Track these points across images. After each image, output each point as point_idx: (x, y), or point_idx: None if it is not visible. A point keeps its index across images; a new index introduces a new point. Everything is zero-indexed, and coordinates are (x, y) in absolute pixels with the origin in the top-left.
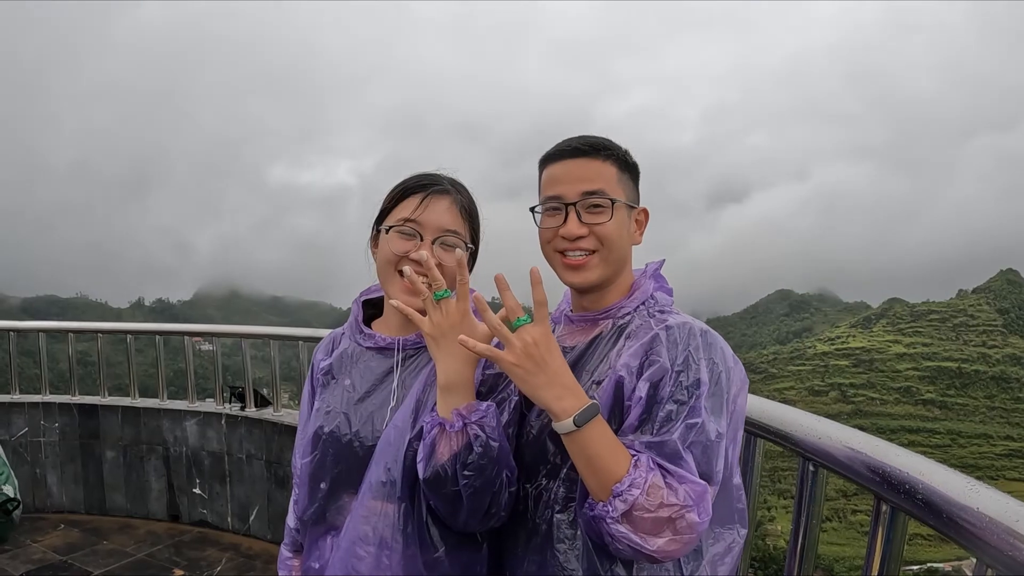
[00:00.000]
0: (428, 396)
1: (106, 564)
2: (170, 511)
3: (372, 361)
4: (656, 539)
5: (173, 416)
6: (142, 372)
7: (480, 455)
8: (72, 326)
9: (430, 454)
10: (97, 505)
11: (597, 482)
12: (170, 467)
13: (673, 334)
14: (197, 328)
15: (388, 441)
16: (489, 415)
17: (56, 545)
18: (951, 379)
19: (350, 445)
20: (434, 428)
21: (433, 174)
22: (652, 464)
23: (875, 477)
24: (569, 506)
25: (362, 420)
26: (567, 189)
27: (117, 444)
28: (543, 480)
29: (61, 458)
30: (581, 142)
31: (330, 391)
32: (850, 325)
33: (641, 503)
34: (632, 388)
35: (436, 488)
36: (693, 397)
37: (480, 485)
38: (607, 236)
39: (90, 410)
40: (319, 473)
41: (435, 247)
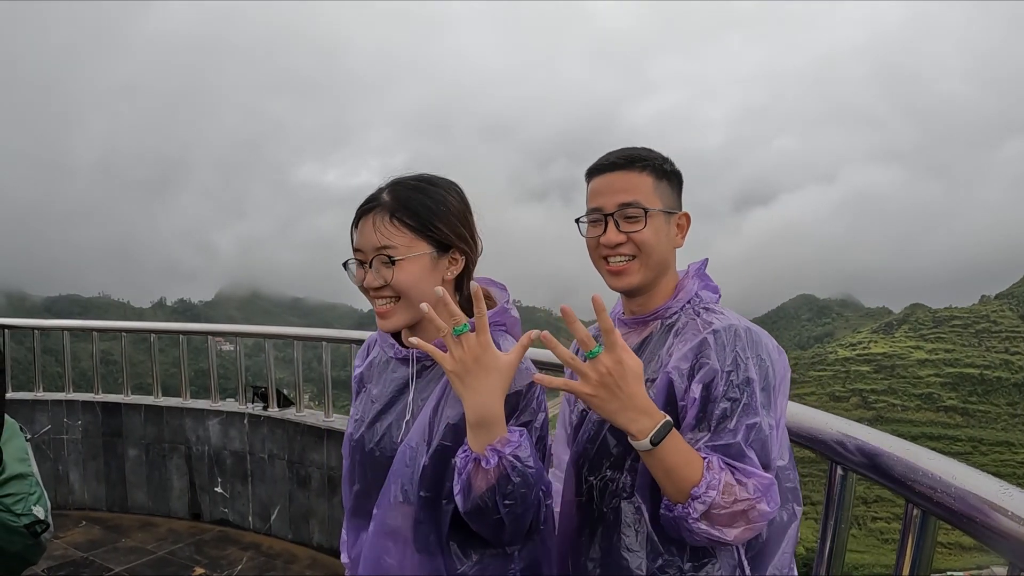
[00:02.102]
0: (440, 415)
1: (127, 561)
2: (191, 510)
3: (396, 371)
4: (732, 530)
5: (196, 415)
6: (164, 372)
7: (519, 484)
8: (96, 325)
9: (468, 489)
10: (119, 503)
11: (675, 488)
12: (192, 466)
13: (720, 337)
14: (220, 328)
15: (403, 461)
16: (524, 444)
17: (77, 542)
18: (973, 385)
19: (372, 455)
20: (469, 464)
21: (371, 194)
22: (722, 464)
23: (906, 481)
24: (634, 494)
25: (382, 431)
26: (606, 201)
27: (139, 442)
28: (607, 472)
29: (84, 455)
30: (619, 156)
31: (361, 398)
32: (872, 330)
33: (718, 502)
34: (684, 389)
35: (478, 519)
36: (745, 395)
37: (521, 511)
38: (644, 242)
39: (113, 408)
40: (352, 475)
41: (376, 267)
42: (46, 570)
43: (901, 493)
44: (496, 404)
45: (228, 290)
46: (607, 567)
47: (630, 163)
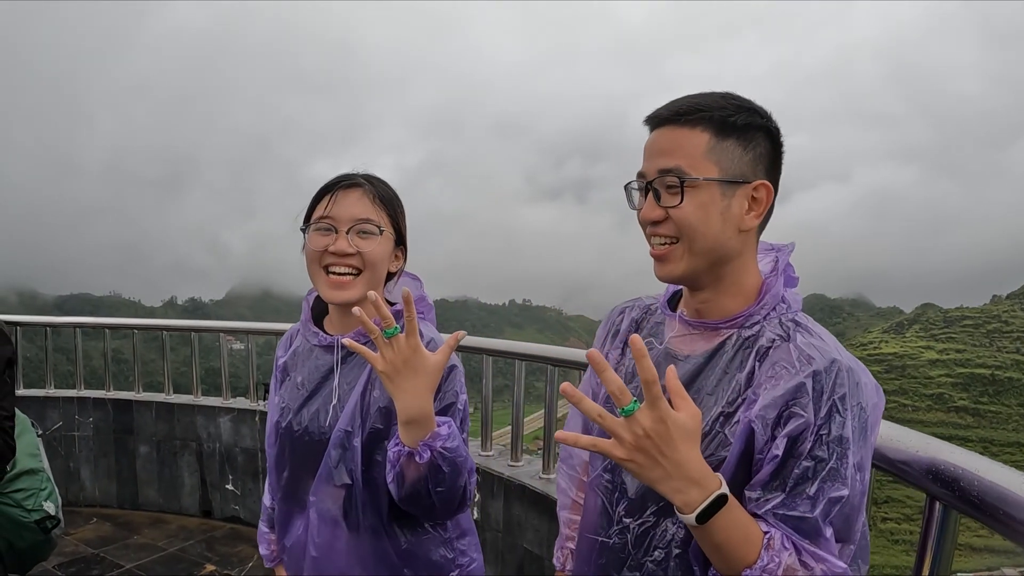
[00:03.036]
0: (369, 398)
1: (138, 558)
2: (202, 507)
3: (319, 358)
4: None
5: (207, 412)
6: (175, 370)
7: (450, 472)
8: (108, 322)
9: (401, 479)
10: (130, 499)
11: (724, 564)
12: (203, 463)
13: (820, 382)
14: (231, 325)
15: (338, 444)
16: (453, 434)
17: (88, 538)
18: (984, 386)
19: (301, 439)
20: (402, 457)
21: (346, 173)
22: (787, 543)
23: (928, 474)
24: (686, 552)
25: (309, 416)
26: (648, 165)
27: (151, 439)
28: (651, 517)
29: (95, 452)
30: (671, 106)
31: (286, 386)
32: (883, 331)
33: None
34: (765, 441)
35: (411, 503)
36: (835, 456)
37: (451, 495)
38: (683, 221)
39: (124, 405)
40: (280, 462)
41: (351, 236)
42: (57, 566)
43: (923, 487)
44: (426, 402)
45: (239, 289)
46: None
47: (679, 116)
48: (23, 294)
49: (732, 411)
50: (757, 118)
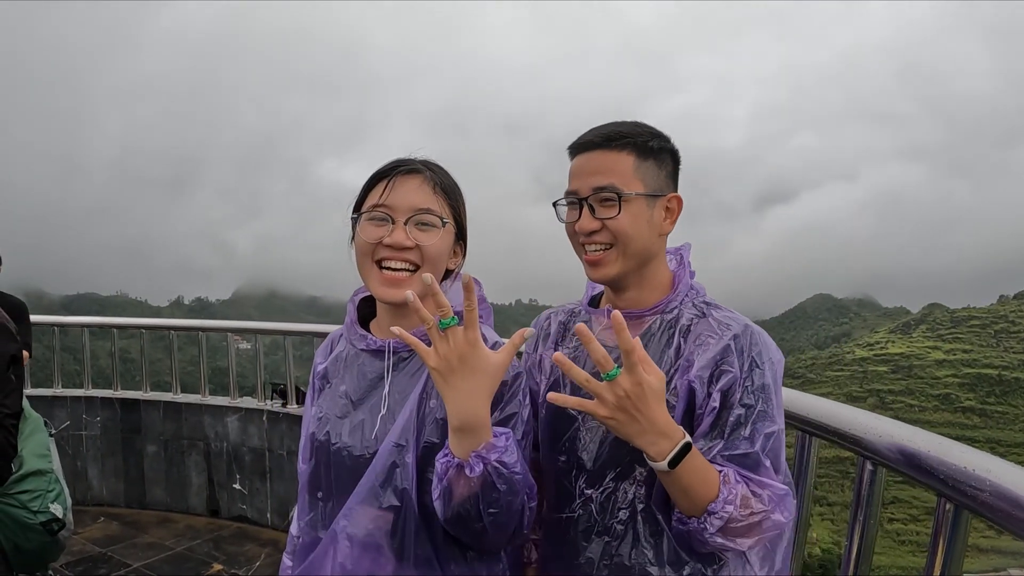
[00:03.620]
0: (426, 409)
1: (145, 557)
2: (210, 506)
3: (366, 365)
4: (746, 540)
5: (214, 412)
6: (182, 370)
7: (505, 492)
8: (116, 321)
9: (448, 496)
10: (137, 499)
11: (691, 504)
12: (211, 462)
13: (740, 342)
14: (239, 325)
15: (391, 460)
16: (510, 448)
17: (96, 537)
18: (991, 386)
19: (339, 454)
20: (450, 470)
21: (403, 158)
22: (738, 476)
23: (938, 475)
24: (649, 506)
25: (351, 429)
26: (581, 184)
27: (158, 439)
28: (611, 483)
29: (102, 451)
30: (599, 133)
31: (325, 396)
32: (889, 331)
33: (734, 515)
34: (704, 397)
35: (459, 526)
36: (760, 401)
37: (505, 519)
38: (619, 230)
39: (132, 404)
40: (316, 480)
41: (409, 227)
42: (64, 565)
43: (933, 487)
44: (482, 407)
45: (245, 289)
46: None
47: (608, 141)
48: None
49: (669, 380)
50: (666, 142)
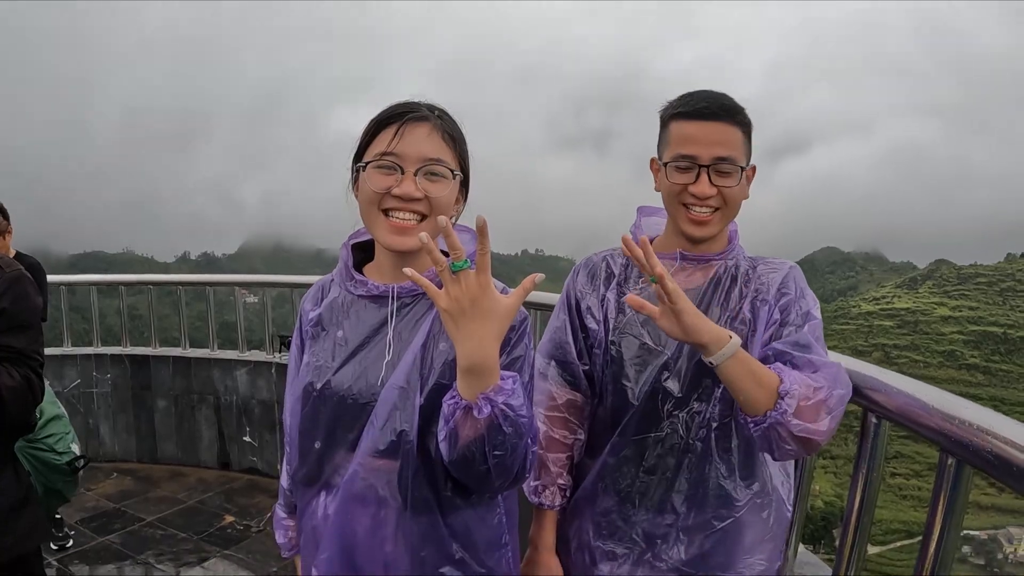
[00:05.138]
0: (433, 352)
1: (158, 511)
2: (220, 459)
3: (365, 310)
4: (820, 423)
5: (224, 366)
6: (190, 326)
7: (511, 434)
8: (123, 278)
9: (454, 437)
10: (149, 454)
11: (763, 392)
12: (220, 416)
13: (792, 276)
14: (246, 279)
15: (391, 403)
16: (517, 391)
17: (109, 493)
18: (996, 344)
19: (343, 402)
20: (457, 411)
21: (409, 101)
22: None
23: (941, 429)
24: (725, 421)
25: (355, 375)
26: (702, 151)
27: (168, 394)
28: (695, 404)
29: (113, 408)
30: (719, 106)
31: (320, 343)
32: (896, 285)
33: (804, 394)
34: (771, 312)
35: (463, 468)
36: (806, 322)
37: (510, 461)
38: (732, 197)
39: (141, 361)
40: (311, 431)
41: (419, 177)
42: (79, 522)
43: (936, 442)
44: (491, 350)
45: (252, 243)
46: (701, 499)
47: (728, 115)
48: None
49: (736, 314)
50: (749, 118)
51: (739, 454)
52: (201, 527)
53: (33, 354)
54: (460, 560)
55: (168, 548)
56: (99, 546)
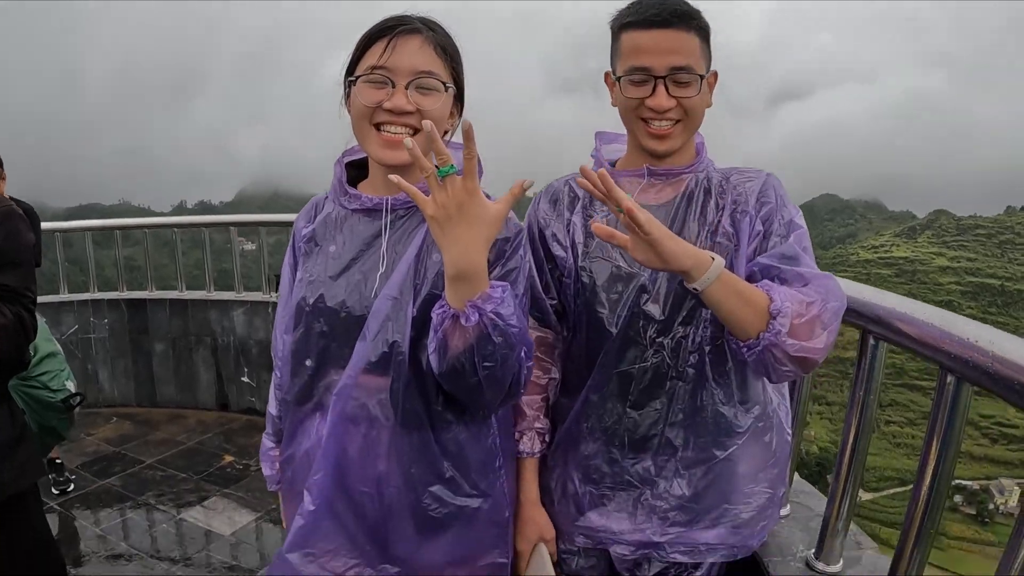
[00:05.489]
0: (426, 262)
1: (158, 453)
2: (219, 401)
3: (359, 224)
4: (816, 340)
5: (220, 307)
6: (187, 273)
7: (500, 344)
8: (118, 223)
9: (443, 348)
10: (148, 398)
11: (754, 313)
12: (218, 357)
13: (771, 183)
14: (243, 218)
15: (383, 314)
16: (506, 300)
17: (109, 437)
18: (993, 296)
19: (336, 315)
20: (446, 320)
21: (400, 15)
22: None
23: (940, 346)
24: (718, 343)
25: (349, 288)
26: (656, 62)
27: (166, 337)
28: (679, 328)
29: (111, 353)
30: (670, 12)
31: (313, 259)
32: (895, 234)
33: (797, 310)
34: (752, 224)
35: (453, 380)
36: (790, 232)
37: (501, 373)
38: (693, 108)
39: (138, 305)
40: (303, 349)
41: (410, 91)
42: (80, 466)
43: (935, 359)
44: (479, 256)
45: (249, 190)
46: (699, 430)
47: (681, 20)
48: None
49: (715, 227)
50: (706, 22)
51: (736, 377)
52: (201, 467)
53: (25, 291)
54: (451, 479)
55: (168, 488)
56: (100, 489)
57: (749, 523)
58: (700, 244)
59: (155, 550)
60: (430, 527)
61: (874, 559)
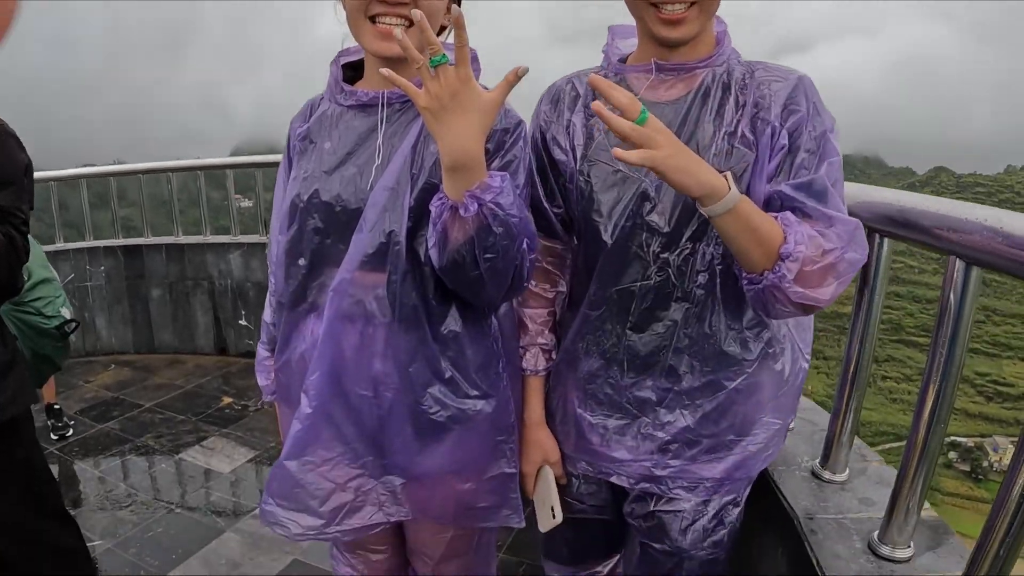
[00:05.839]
0: (423, 153)
1: (156, 397)
2: (217, 345)
3: (354, 120)
4: (824, 290)
5: (217, 250)
6: (184, 231)
7: (501, 235)
8: (112, 169)
9: (443, 241)
10: (146, 344)
11: (761, 250)
12: (216, 301)
13: (803, 87)
14: (239, 159)
15: (380, 205)
16: (506, 189)
17: (108, 383)
18: None
19: (331, 210)
20: (445, 212)
21: None
22: (798, 217)
23: (946, 232)
24: (728, 267)
25: (344, 182)
26: None
27: (163, 282)
28: (688, 244)
29: (108, 301)
30: None
31: (308, 157)
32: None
33: (809, 256)
34: (775, 138)
35: (454, 274)
36: (820, 146)
37: (503, 265)
38: None
39: (135, 251)
40: (297, 248)
41: None
42: (78, 412)
43: (941, 248)
44: (475, 145)
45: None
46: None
47: None
48: None
49: (734, 129)
50: None
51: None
52: (199, 409)
53: (15, 211)
54: (450, 379)
55: (167, 430)
56: (98, 433)
57: (756, 455)
58: (716, 147)
59: (154, 489)
60: (431, 432)
61: (879, 470)
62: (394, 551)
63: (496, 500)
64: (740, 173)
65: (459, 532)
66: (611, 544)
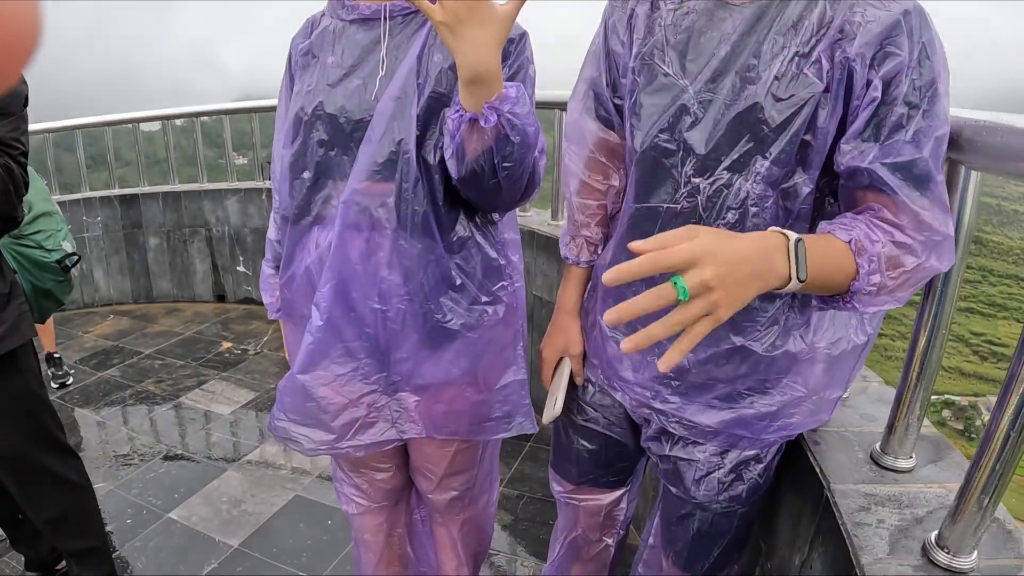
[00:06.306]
0: (428, 63)
1: (156, 344)
2: (216, 291)
3: (357, 34)
4: (900, 297)
5: (214, 197)
6: (180, 173)
7: (519, 144)
8: (108, 119)
9: (461, 152)
10: (144, 293)
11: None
12: (213, 248)
13: (910, 22)
14: (236, 106)
15: (388, 114)
16: (522, 99)
17: (107, 333)
18: (989, 215)
19: (335, 121)
20: (463, 124)
21: None
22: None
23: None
24: (767, 205)
25: (348, 94)
26: None
27: (160, 231)
28: (724, 173)
29: (106, 251)
30: None
31: (310, 71)
32: None
33: (882, 283)
34: (864, 84)
35: (472, 184)
36: (926, 100)
37: (519, 173)
38: None
39: (131, 200)
40: (301, 161)
41: None
42: (78, 361)
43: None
44: (493, 57)
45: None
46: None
47: None
48: None
49: (808, 51)
50: None
51: None
52: (199, 354)
53: (13, 142)
54: (460, 286)
55: (167, 375)
56: (98, 380)
57: (765, 416)
58: (781, 67)
59: (155, 432)
60: (442, 339)
61: (879, 389)
62: (398, 469)
63: (508, 409)
64: (800, 105)
65: (463, 447)
66: (620, 474)
